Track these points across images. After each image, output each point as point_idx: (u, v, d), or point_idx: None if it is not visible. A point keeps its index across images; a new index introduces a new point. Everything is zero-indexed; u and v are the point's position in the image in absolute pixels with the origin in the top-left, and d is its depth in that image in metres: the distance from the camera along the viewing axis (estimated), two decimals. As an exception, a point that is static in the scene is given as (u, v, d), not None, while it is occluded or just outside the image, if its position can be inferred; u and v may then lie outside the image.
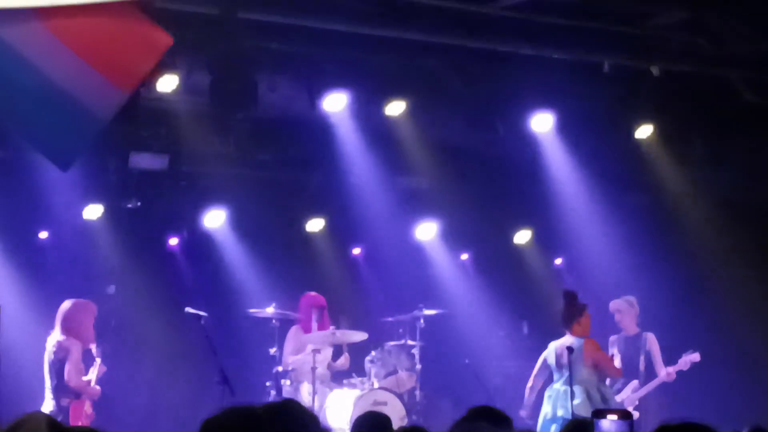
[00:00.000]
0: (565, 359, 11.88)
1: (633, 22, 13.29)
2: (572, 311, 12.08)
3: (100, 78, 8.74)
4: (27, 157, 12.14)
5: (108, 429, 5.90)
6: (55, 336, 11.88)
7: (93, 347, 12.16)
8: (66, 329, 11.84)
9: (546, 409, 12.08)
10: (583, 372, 11.93)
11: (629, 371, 13.20)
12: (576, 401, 11.72)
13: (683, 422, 4.06)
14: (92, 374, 12.06)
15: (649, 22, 13.36)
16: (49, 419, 5.06)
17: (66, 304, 11.97)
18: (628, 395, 13.24)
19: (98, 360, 12.16)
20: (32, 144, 9.30)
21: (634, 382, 13.25)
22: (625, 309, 13.63)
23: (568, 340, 12.06)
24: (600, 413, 3.31)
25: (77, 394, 11.82)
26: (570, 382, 11.80)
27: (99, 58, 8.77)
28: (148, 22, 9.13)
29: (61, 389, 11.77)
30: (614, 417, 3.30)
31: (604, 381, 12.18)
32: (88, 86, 8.73)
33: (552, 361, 12.15)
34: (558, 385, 12.08)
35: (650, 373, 13.37)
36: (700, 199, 15.29)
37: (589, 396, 11.84)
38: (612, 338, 13.67)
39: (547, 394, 12.17)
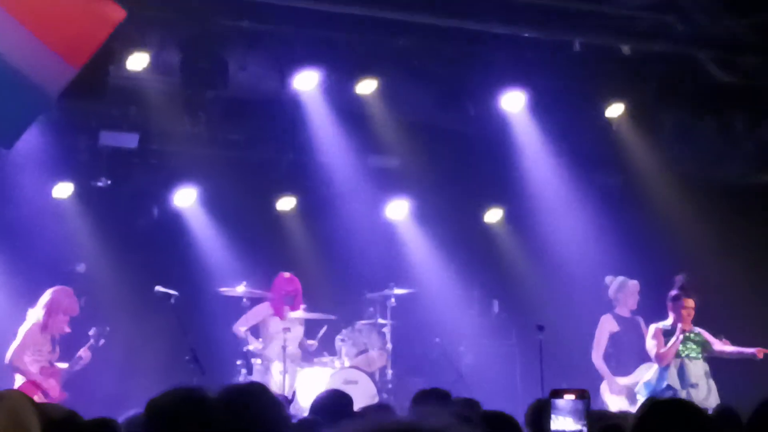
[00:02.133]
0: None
1: (604, 1, 13.29)
2: (669, 297, 12.54)
3: (48, 52, 8.59)
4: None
5: (76, 407, 5.89)
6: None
7: (92, 331, 12.16)
8: (44, 310, 11.79)
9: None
10: None
11: (642, 355, 13.07)
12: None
13: (673, 398, 4.10)
14: (67, 364, 12.02)
15: (619, 1, 13.36)
16: (25, 395, 5.11)
17: (56, 289, 11.93)
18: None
19: (84, 348, 12.11)
20: None
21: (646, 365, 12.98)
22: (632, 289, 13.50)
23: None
24: (557, 393, 3.33)
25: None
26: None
27: (48, 32, 8.60)
28: None
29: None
30: (571, 396, 3.31)
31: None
32: (37, 60, 8.58)
33: None
34: None
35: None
36: (669, 177, 15.32)
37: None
38: (606, 317, 13.39)
39: None
